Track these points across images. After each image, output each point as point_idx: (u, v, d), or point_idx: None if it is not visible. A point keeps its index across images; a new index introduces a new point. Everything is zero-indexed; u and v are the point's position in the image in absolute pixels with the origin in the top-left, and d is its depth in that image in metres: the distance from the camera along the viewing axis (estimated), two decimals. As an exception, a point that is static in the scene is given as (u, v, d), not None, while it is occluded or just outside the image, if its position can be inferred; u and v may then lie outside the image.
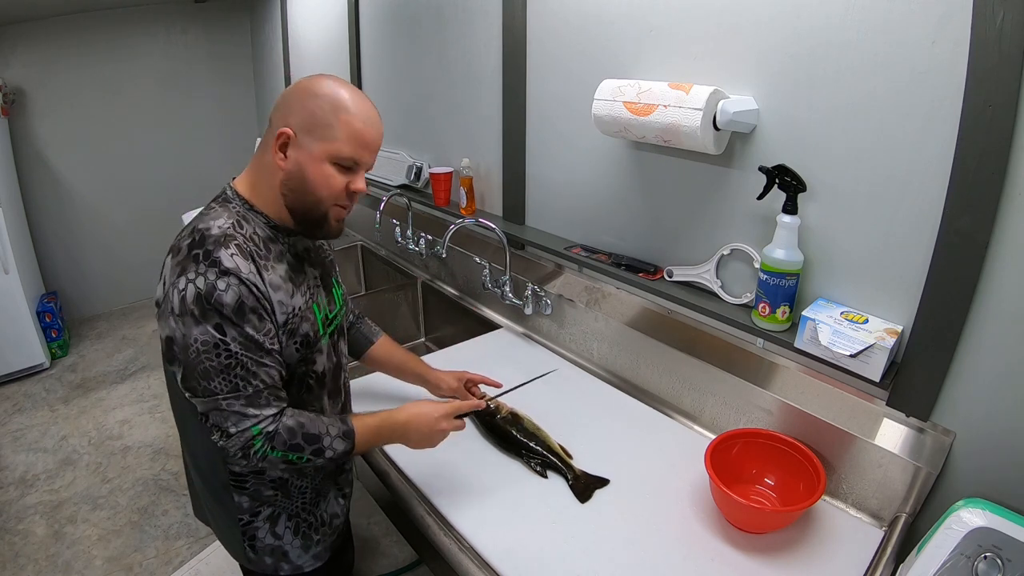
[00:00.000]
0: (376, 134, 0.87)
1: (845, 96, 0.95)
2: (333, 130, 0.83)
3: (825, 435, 1.03)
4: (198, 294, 0.78)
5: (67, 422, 2.59)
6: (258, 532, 0.98)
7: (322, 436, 0.88)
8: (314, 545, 1.04)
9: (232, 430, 0.82)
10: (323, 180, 0.85)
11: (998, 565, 0.71)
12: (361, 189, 0.88)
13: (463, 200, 1.83)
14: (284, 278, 0.88)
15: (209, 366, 0.79)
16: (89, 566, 1.86)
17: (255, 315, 0.81)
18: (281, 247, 0.90)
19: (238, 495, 0.96)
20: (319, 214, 0.88)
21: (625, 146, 1.34)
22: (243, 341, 0.80)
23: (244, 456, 0.84)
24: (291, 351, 0.89)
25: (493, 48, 1.65)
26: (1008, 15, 0.76)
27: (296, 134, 0.83)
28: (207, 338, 0.78)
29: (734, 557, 0.90)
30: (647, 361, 1.35)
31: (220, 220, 0.84)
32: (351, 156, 0.85)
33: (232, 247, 0.81)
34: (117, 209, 3.55)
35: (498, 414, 1.18)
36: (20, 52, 3.09)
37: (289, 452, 0.85)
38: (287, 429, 0.85)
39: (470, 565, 0.90)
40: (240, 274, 0.79)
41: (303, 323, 0.90)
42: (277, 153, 0.85)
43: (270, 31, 3.40)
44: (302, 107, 0.84)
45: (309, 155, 0.84)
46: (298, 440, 0.85)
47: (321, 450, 0.88)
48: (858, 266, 1.01)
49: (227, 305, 0.78)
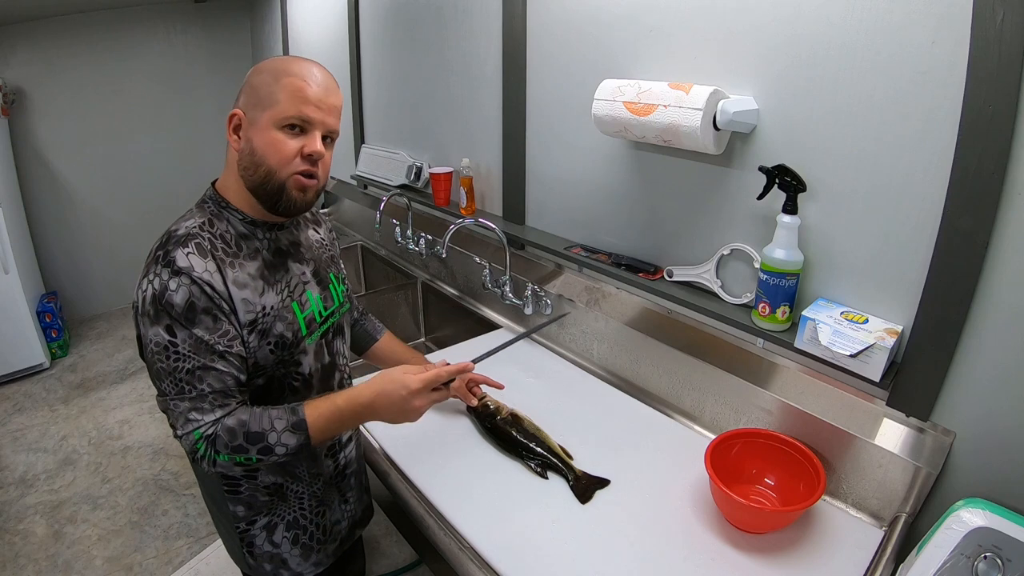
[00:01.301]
0: (320, 90, 0.83)
1: (845, 96, 0.95)
2: (274, 95, 0.81)
3: (825, 435, 1.03)
4: (153, 295, 0.78)
5: (67, 422, 2.59)
6: (255, 540, 0.98)
7: (266, 433, 0.82)
8: (315, 553, 1.03)
9: (179, 432, 0.81)
10: (272, 147, 0.81)
11: (998, 565, 0.71)
12: (316, 151, 0.83)
13: (463, 200, 1.83)
14: (254, 276, 0.86)
15: (160, 367, 0.79)
16: (89, 566, 1.86)
17: (207, 316, 0.79)
18: (258, 243, 0.88)
19: (233, 504, 0.95)
20: (275, 185, 0.83)
21: (625, 146, 1.34)
22: (192, 344, 0.78)
23: (194, 460, 0.82)
24: (264, 352, 0.86)
25: (493, 48, 1.65)
26: (1008, 15, 0.76)
27: (245, 112, 0.83)
28: (159, 339, 0.78)
29: (734, 557, 0.90)
30: (647, 361, 1.35)
31: (190, 221, 0.84)
32: (296, 115, 0.81)
33: (191, 246, 0.80)
34: (117, 209, 3.55)
35: (498, 415, 1.17)
36: (20, 52, 3.09)
37: (234, 454, 0.81)
38: (227, 431, 0.81)
39: (470, 565, 0.90)
40: (192, 273, 0.78)
41: (276, 323, 0.87)
42: (232, 137, 0.84)
43: (270, 31, 3.40)
44: (248, 86, 0.84)
45: (257, 128, 0.82)
46: (240, 441, 0.81)
47: (269, 448, 0.82)
48: (858, 266, 1.00)
49: (176, 306, 0.77)
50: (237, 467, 0.84)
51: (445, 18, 1.82)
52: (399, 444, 1.16)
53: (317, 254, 1.00)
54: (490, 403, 1.21)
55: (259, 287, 0.86)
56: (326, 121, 0.84)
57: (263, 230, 0.89)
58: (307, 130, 0.83)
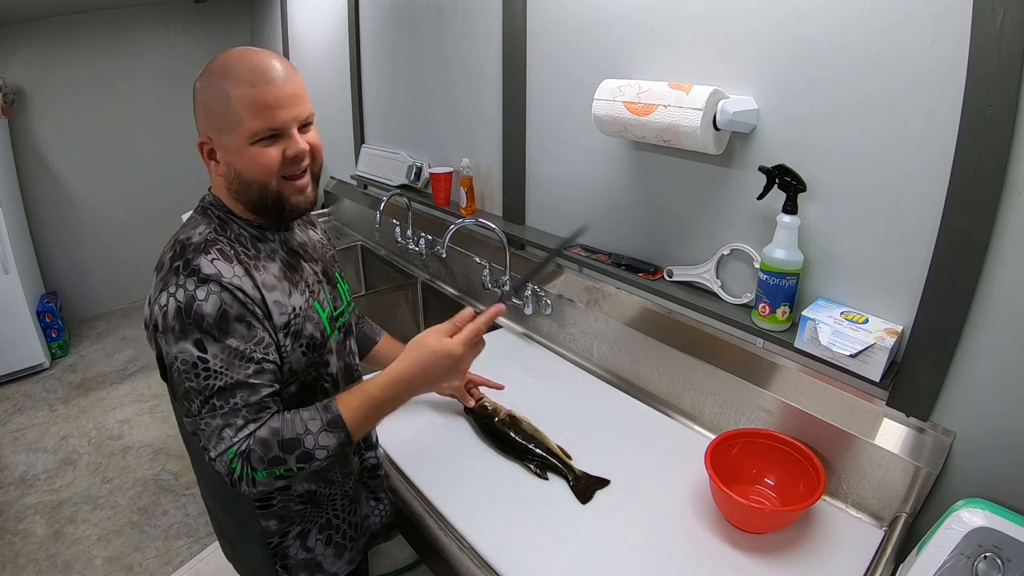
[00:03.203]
0: (275, 89, 0.76)
1: (845, 96, 0.95)
2: (233, 114, 0.76)
3: (825, 435, 1.03)
4: (178, 308, 0.73)
5: (67, 422, 2.59)
6: (289, 550, 0.94)
7: (302, 438, 0.76)
8: (347, 551, 1.01)
9: (213, 453, 0.75)
10: (253, 164, 0.78)
11: (998, 565, 0.71)
12: (300, 151, 0.80)
13: (463, 200, 1.83)
14: (279, 277, 0.83)
15: (189, 386, 0.74)
16: (89, 566, 1.86)
17: (241, 323, 0.75)
18: (272, 244, 0.87)
19: (265, 520, 0.91)
20: (271, 197, 0.81)
21: (625, 146, 1.34)
22: (224, 358, 0.74)
23: (232, 483, 0.75)
24: (297, 355, 0.84)
25: (493, 48, 1.65)
26: (1008, 15, 0.76)
27: (212, 137, 0.80)
28: (186, 356, 0.73)
29: (734, 557, 0.90)
30: (647, 361, 1.35)
31: (200, 227, 0.81)
32: (263, 127, 0.77)
33: (213, 252, 0.77)
34: (117, 209, 3.55)
35: (496, 417, 1.17)
36: (20, 52, 3.09)
37: (272, 467, 0.75)
38: (260, 443, 0.75)
39: (470, 565, 0.90)
40: (221, 279, 0.75)
41: (307, 323, 0.85)
42: (210, 163, 0.82)
43: (270, 31, 3.40)
44: (201, 110, 0.80)
45: (232, 151, 0.78)
46: (275, 452, 0.75)
47: (308, 455, 0.76)
48: (858, 266, 1.00)
49: (208, 316, 0.73)
50: (279, 481, 0.77)
51: (445, 18, 1.82)
52: (400, 445, 1.16)
53: (322, 254, 1.00)
54: (488, 404, 1.20)
55: (286, 288, 0.84)
56: (294, 114, 0.79)
57: (272, 231, 0.88)
58: (281, 133, 0.79)
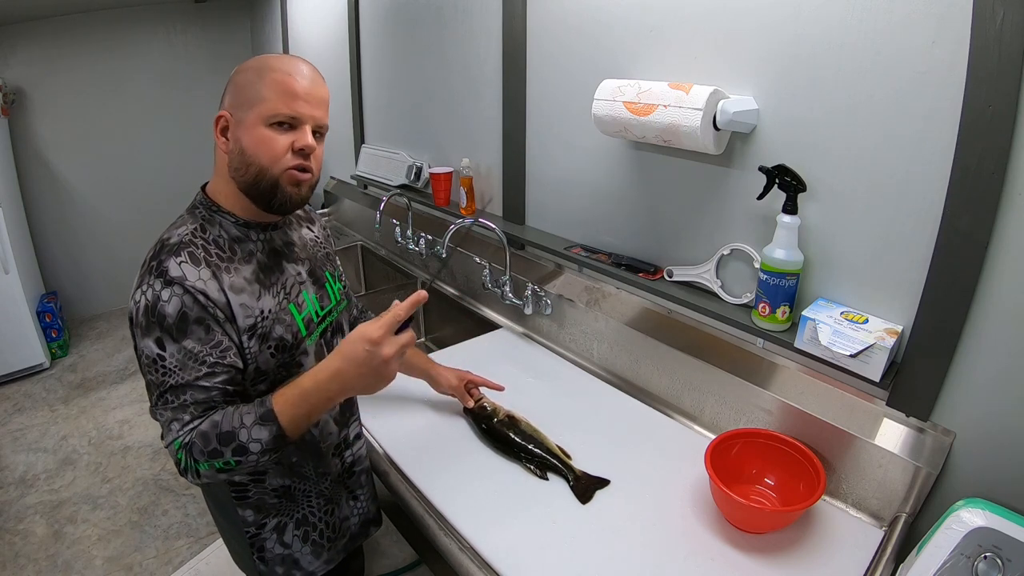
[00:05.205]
0: (307, 83, 0.81)
1: (845, 96, 0.95)
2: (260, 92, 0.79)
3: (825, 435, 1.03)
4: (146, 306, 0.77)
5: (67, 422, 2.59)
6: (266, 543, 0.97)
7: (236, 432, 0.76)
8: (325, 551, 1.02)
9: (164, 443, 0.79)
10: (262, 145, 0.80)
11: (998, 565, 0.71)
12: (308, 145, 0.82)
13: (463, 200, 1.83)
14: (250, 279, 0.85)
15: (149, 379, 0.78)
16: (89, 566, 1.86)
17: (200, 326, 0.78)
18: (252, 246, 0.88)
19: (242, 508, 0.95)
20: (268, 183, 0.82)
21: (625, 146, 1.34)
22: (180, 358, 0.77)
23: (181, 473, 0.80)
24: (265, 357, 0.85)
25: (493, 48, 1.65)
26: (1008, 15, 0.76)
27: (231, 113, 0.81)
28: (148, 352, 0.77)
29: (734, 557, 0.90)
30: (647, 361, 1.35)
31: (182, 228, 0.83)
32: (283, 111, 0.79)
33: (183, 255, 0.79)
34: (117, 209, 3.55)
35: (495, 417, 1.17)
36: (20, 52, 3.09)
37: (212, 459, 0.77)
38: (201, 436, 0.77)
39: (470, 565, 0.90)
40: (185, 282, 0.77)
41: (276, 326, 0.86)
42: (219, 139, 0.83)
43: (270, 31, 3.40)
44: (232, 86, 0.82)
45: (245, 127, 0.80)
46: (214, 445, 0.76)
47: (243, 448, 0.77)
48: (858, 266, 1.00)
49: (168, 316, 0.76)
50: (221, 474, 0.79)
51: (445, 18, 1.82)
52: (400, 444, 1.16)
53: (312, 252, 1.00)
54: (487, 405, 1.20)
55: (255, 291, 0.85)
56: (315, 115, 0.83)
57: (256, 231, 0.89)
58: (296, 125, 0.82)
